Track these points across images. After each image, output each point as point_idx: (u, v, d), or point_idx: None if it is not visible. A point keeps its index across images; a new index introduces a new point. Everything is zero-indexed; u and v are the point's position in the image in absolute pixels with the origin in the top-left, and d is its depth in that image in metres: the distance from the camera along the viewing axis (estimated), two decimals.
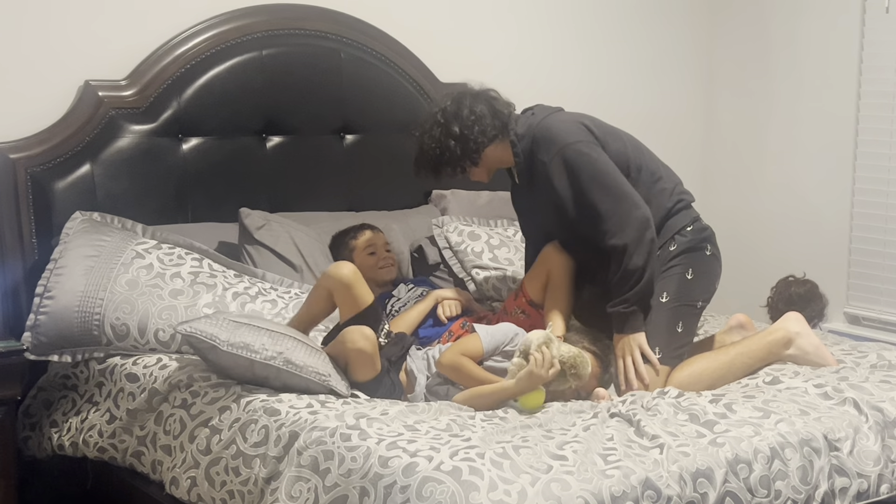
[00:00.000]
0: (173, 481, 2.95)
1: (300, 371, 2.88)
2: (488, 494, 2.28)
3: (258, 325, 2.99)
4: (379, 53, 4.20)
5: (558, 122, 3.32)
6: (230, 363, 2.94)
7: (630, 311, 3.19)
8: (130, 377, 3.22)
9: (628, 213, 3.18)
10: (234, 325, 2.94)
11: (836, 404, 2.89)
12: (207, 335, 2.91)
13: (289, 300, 3.48)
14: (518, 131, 3.35)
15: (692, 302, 3.30)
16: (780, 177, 4.97)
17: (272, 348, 2.89)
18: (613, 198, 3.20)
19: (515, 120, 3.38)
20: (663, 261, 3.29)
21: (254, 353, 2.88)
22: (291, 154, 4.04)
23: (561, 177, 3.25)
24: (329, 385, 2.90)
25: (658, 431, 2.63)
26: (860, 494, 2.72)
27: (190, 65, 3.82)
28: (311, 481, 2.54)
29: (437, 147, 3.36)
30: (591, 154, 3.23)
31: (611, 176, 3.22)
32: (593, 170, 3.22)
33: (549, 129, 3.30)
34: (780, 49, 4.94)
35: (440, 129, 3.35)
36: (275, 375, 2.90)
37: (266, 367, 2.89)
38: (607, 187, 3.20)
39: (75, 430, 3.32)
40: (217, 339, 2.90)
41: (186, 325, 2.96)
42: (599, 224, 3.20)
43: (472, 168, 3.40)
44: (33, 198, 3.58)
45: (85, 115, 3.66)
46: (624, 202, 3.19)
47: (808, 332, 3.29)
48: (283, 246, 3.73)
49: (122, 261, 3.40)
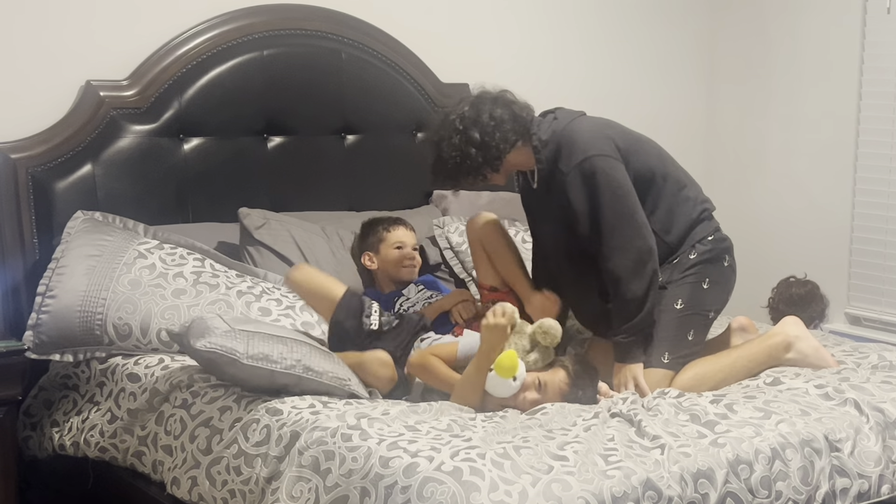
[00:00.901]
0: (174, 481, 2.95)
1: (320, 377, 2.87)
2: (489, 495, 2.28)
3: (268, 332, 2.96)
4: (380, 54, 4.20)
5: (583, 131, 3.21)
6: (250, 375, 2.88)
7: (629, 342, 3.14)
8: (132, 377, 3.22)
9: (629, 240, 3.12)
10: (247, 336, 2.89)
11: (837, 405, 2.89)
12: (228, 349, 2.83)
13: (293, 299, 3.48)
14: (542, 136, 3.23)
15: (705, 311, 3.28)
16: (782, 177, 4.97)
17: (290, 357, 2.86)
18: (619, 221, 3.12)
19: (538, 124, 3.26)
20: (681, 269, 3.25)
21: (273, 363, 2.83)
22: (292, 154, 4.04)
23: (578, 189, 3.16)
24: (350, 389, 2.91)
25: (659, 432, 2.63)
26: (861, 495, 2.72)
27: (191, 65, 3.82)
28: (312, 481, 2.54)
29: (457, 155, 3.21)
30: (609, 172, 3.14)
31: (624, 199, 3.14)
32: (608, 188, 3.13)
33: (573, 138, 3.19)
34: (781, 50, 4.94)
35: (460, 137, 3.20)
36: (295, 383, 2.87)
37: (287, 375, 2.85)
38: (616, 209, 3.13)
39: (76, 430, 3.32)
40: (236, 353, 2.83)
41: (204, 341, 2.86)
42: (599, 244, 3.15)
43: (493, 174, 3.28)
44: (34, 198, 3.58)
45: (86, 116, 3.66)
46: (628, 228, 3.13)
47: (806, 335, 3.29)
48: (283, 244, 3.73)
49: (124, 260, 3.40)
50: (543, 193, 3.31)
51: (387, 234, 3.73)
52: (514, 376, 2.89)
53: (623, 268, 3.12)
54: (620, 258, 3.12)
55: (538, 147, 3.24)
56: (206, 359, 2.94)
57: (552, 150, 3.21)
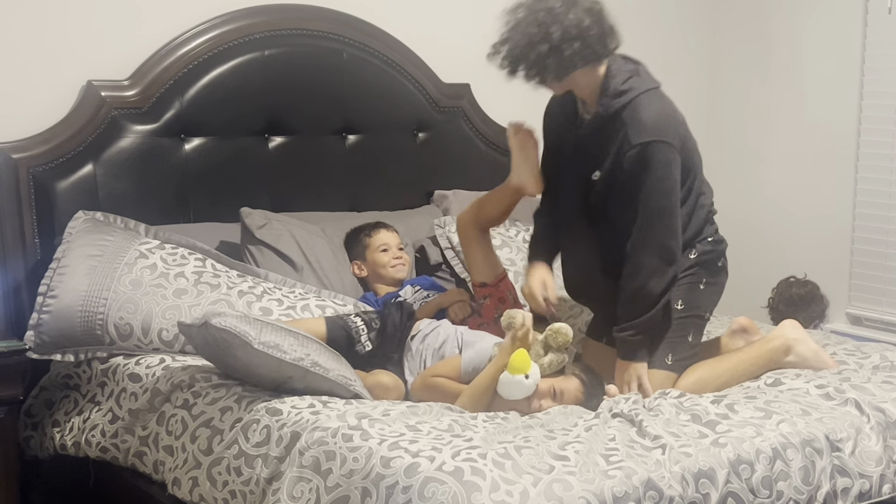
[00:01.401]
0: (175, 481, 2.95)
1: (328, 374, 2.87)
2: (490, 495, 2.28)
3: (279, 324, 2.96)
4: (381, 54, 4.20)
5: (662, 109, 3.11)
6: (259, 361, 2.85)
7: (636, 340, 3.11)
8: (133, 377, 3.22)
9: (663, 237, 3.08)
10: (260, 324, 2.87)
11: (838, 405, 2.90)
12: (241, 331, 2.80)
13: (294, 300, 3.48)
14: (619, 81, 3.07)
15: (701, 313, 3.27)
16: (782, 178, 4.97)
17: (300, 349, 2.85)
18: (660, 216, 3.07)
19: (619, 66, 3.10)
20: (681, 268, 3.21)
21: (283, 353, 2.82)
22: (293, 154, 4.04)
23: (636, 166, 3.04)
24: (355, 390, 2.91)
25: (660, 432, 2.63)
26: (862, 495, 2.72)
27: (192, 65, 3.82)
28: (313, 482, 2.54)
29: (527, 45, 2.98)
30: (671, 164, 3.05)
31: (672, 196, 3.08)
32: (664, 180, 3.05)
33: (652, 110, 3.07)
34: (781, 50, 4.94)
35: (538, 29, 2.97)
36: (300, 376, 2.85)
37: (294, 367, 2.83)
38: (662, 204, 3.06)
39: (77, 430, 3.32)
40: (249, 336, 2.80)
41: (219, 318, 2.83)
42: (632, 230, 3.08)
43: (554, 82, 3.07)
44: (35, 198, 3.58)
45: (87, 116, 3.66)
46: (666, 225, 3.07)
47: (805, 337, 3.28)
48: (285, 244, 3.73)
49: (125, 260, 3.40)
50: (589, 135, 3.16)
51: (369, 240, 3.79)
52: (526, 374, 2.86)
53: (648, 262, 3.08)
54: (649, 252, 3.08)
55: (610, 90, 3.08)
56: (218, 338, 2.87)
57: (623, 106, 3.07)
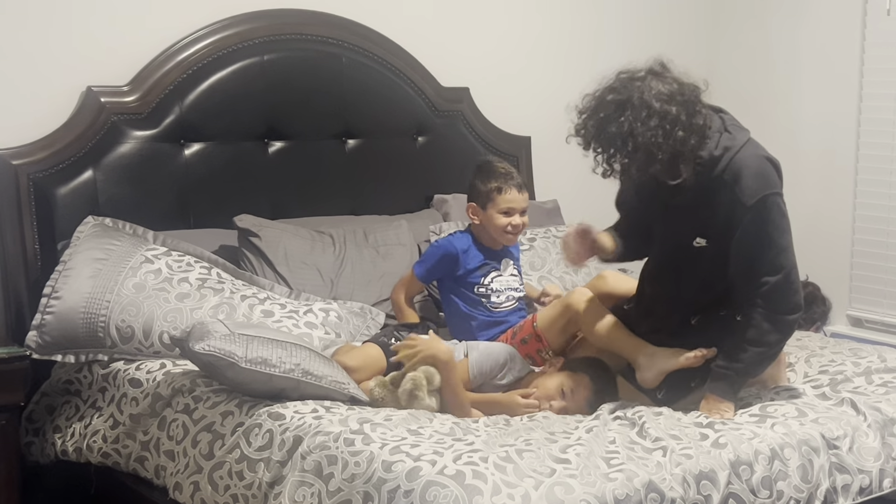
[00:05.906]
0: (176, 486, 2.95)
1: (320, 381, 2.87)
2: (492, 498, 2.28)
3: (267, 336, 2.96)
4: (380, 58, 4.21)
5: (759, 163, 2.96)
6: (248, 379, 2.88)
7: (730, 376, 2.92)
8: (133, 382, 3.22)
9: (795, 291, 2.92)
10: (246, 340, 2.88)
11: (834, 405, 2.93)
12: (226, 352, 2.83)
13: (298, 305, 3.48)
14: (711, 149, 2.91)
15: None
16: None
17: (289, 360, 2.86)
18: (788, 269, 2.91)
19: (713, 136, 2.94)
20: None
21: (272, 367, 2.83)
22: (293, 159, 4.04)
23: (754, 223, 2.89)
24: (349, 392, 2.91)
25: (661, 434, 2.64)
26: (863, 490, 2.75)
27: (191, 70, 3.83)
28: (315, 486, 2.55)
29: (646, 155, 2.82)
30: (785, 212, 2.96)
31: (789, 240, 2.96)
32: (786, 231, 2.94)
33: (751, 168, 2.92)
34: (781, 51, 4.95)
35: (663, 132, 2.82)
36: (293, 387, 2.87)
37: (285, 379, 2.85)
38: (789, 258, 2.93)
39: (79, 436, 3.32)
40: (235, 356, 2.82)
41: (203, 344, 2.85)
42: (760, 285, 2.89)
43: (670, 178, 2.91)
44: (35, 204, 3.58)
45: (87, 121, 3.67)
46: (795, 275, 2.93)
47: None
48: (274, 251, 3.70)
49: (130, 265, 3.40)
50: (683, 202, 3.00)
51: (498, 197, 3.54)
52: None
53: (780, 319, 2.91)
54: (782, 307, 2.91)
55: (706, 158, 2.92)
56: (205, 362, 2.94)
57: (721, 169, 2.91)
